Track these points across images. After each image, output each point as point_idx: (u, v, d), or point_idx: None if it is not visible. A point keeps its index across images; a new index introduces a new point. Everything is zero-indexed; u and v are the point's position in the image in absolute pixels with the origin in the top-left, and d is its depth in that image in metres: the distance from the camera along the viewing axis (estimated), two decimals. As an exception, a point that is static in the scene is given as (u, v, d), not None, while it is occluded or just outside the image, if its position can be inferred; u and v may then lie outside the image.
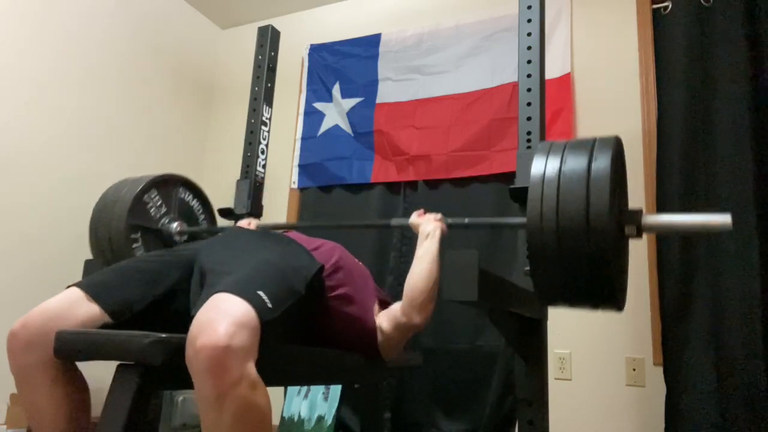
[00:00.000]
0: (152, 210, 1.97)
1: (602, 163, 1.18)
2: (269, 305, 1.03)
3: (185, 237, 2.05)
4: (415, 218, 1.63)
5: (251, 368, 0.93)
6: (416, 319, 1.39)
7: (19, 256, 2.41)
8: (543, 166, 1.24)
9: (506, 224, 1.51)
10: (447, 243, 2.38)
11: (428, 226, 1.55)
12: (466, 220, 1.67)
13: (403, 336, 1.45)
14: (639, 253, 2.17)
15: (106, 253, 1.90)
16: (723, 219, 1.21)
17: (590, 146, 1.24)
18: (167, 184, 2.05)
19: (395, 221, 1.83)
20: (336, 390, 2.59)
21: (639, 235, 1.27)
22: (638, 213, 1.27)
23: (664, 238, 2.10)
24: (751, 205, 1.98)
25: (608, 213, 1.13)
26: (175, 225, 2.02)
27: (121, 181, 2.03)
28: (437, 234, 1.52)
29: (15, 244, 2.41)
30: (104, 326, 1.16)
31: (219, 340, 0.89)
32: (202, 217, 2.20)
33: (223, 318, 0.93)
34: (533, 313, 1.46)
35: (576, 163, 1.21)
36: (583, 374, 2.22)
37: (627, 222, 1.25)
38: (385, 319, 1.46)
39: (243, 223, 1.93)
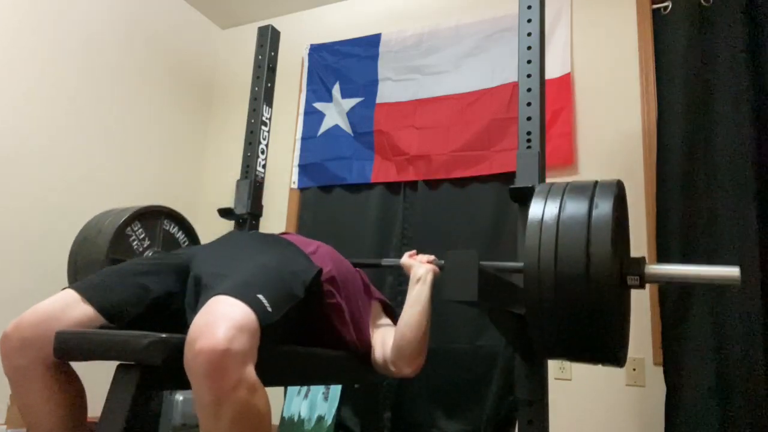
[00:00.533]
0: (135, 243, 1.94)
1: (603, 209, 1.13)
2: (269, 309, 1.03)
3: None
4: (407, 259, 1.58)
5: (250, 372, 0.92)
6: (405, 371, 1.37)
7: (13, 258, 2.41)
8: (541, 211, 1.20)
9: (504, 269, 1.48)
10: (446, 243, 2.37)
11: (420, 269, 1.49)
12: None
13: (392, 376, 1.44)
14: (640, 254, 2.16)
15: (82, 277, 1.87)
16: (731, 272, 1.18)
17: (591, 191, 1.20)
18: (151, 216, 2.02)
19: (386, 261, 1.80)
20: (336, 390, 2.59)
21: (642, 285, 1.23)
22: (641, 262, 1.23)
23: (663, 237, 2.10)
24: (752, 205, 1.98)
25: (610, 264, 1.08)
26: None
27: (104, 212, 2.01)
28: (429, 278, 1.46)
29: (10, 247, 2.41)
30: (100, 328, 1.15)
31: (218, 344, 0.88)
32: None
33: (222, 321, 0.92)
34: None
35: (576, 208, 1.16)
36: (583, 374, 2.22)
37: (629, 272, 1.22)
38: (378, 345, 1.44)
39: None
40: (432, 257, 1.56)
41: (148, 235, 1.98)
